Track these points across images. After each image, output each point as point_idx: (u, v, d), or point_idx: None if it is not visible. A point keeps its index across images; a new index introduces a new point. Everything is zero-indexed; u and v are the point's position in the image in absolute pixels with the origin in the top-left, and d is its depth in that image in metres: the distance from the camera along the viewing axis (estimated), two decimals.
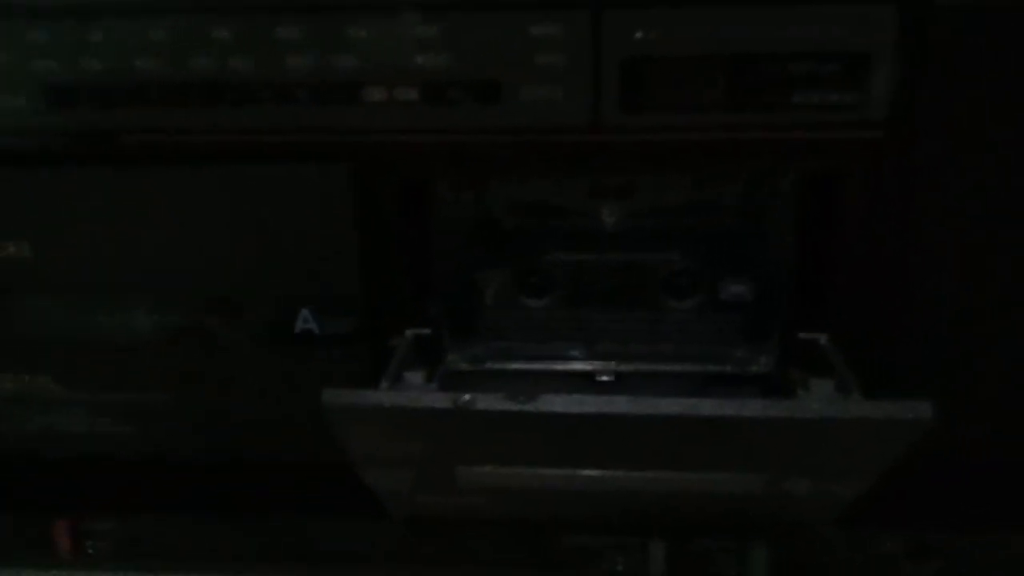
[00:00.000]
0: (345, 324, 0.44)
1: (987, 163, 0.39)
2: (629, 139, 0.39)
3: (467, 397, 0.34)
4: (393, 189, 0.43)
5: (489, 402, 0.34)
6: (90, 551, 0.54)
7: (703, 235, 0.48)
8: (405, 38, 0.38)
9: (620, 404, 0.34)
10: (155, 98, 0.40)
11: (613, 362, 0.49)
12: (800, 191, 0.44)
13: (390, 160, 0.41)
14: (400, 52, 0.39)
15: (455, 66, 0.39)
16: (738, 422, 0.34)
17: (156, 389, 0.47)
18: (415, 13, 0.38)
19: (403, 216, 0.44)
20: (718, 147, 0.39)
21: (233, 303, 0.45)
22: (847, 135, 0.38)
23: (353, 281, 0.43)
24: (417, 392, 0.37)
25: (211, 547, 0.53)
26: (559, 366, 0.50)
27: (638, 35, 0.38)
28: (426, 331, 0.45)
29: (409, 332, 0.44)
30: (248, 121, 0.40)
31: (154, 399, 0.47)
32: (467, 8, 0.38)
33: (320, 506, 0.51)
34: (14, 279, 0.45)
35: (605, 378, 0.49)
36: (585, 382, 0.50)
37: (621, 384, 0.49)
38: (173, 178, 0.42)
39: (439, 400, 0.34)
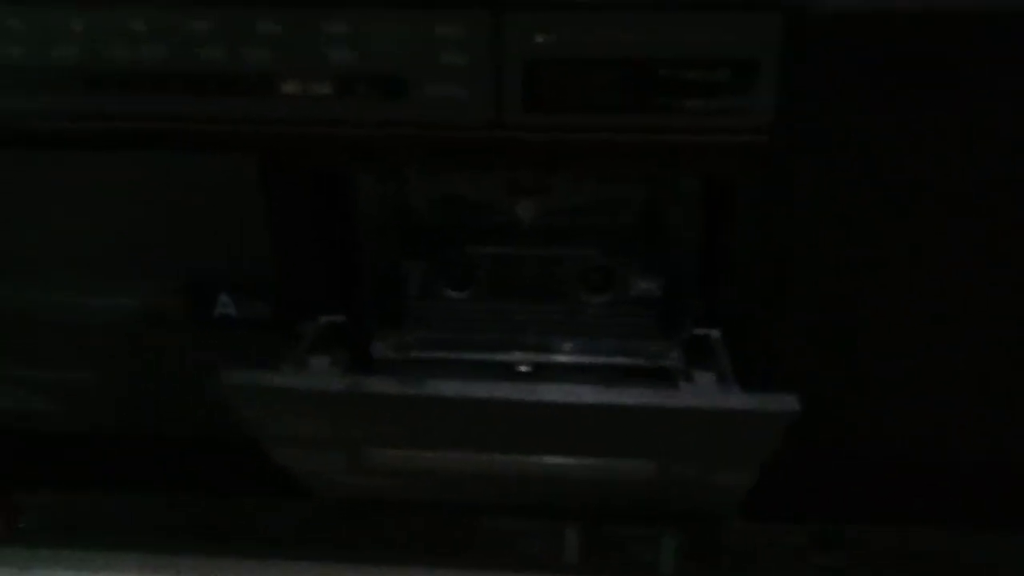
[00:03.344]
0: (261, 309, 0.46)
1: (863, 166, 0.40)
2: (529, 137, 0.41)
3: (357, 379, 0.35)
4: (311, 180, 0.44)
5: (379, 385, 0.35)
6: (22, 526, 0.55)
7: (615, 232, 0.49)
8: (316, 34, 0.40)
9: (504, 390, 0.36)
10: (71, 85, 0.41)
11: (532, 353, 0.51)
12: (702, 192, 0.46)
13: (301, 151, 0.42)
14: (312, 47, 0.40)
15: (364, 62, 0.40)
16: (618, 409, 0.36)
17: (84, 368, 0.48)
18: (325, 9, 0.39)
19: (324, 207, 0.45)
20: (612, 148, 0.41)
21: (156, 286, 0.46)
22: (733, 139, 0.40)
23: (267, 268, 0.44)
24: (310, 375, 0.38)
25: (139, 523, 0.55)
26: (481, 356, 0.51)
27: (538, 39, 0.39)
28: (340, 318, 0.46)
29: (322, 319, 0.45)
30: (162, 110, 0.41)
31: (81, 377, 0.49)
32: (375, 5, 0.39)
33: (244, 484, 0.52)
34: None
35: (524, 368, 0.51)
36: (505, 372, 0.51)
37: (539, 375, 0.51)
38: (93, 163, 0.43)
39: (331, 382, 0.35)
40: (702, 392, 0.37)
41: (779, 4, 0.38)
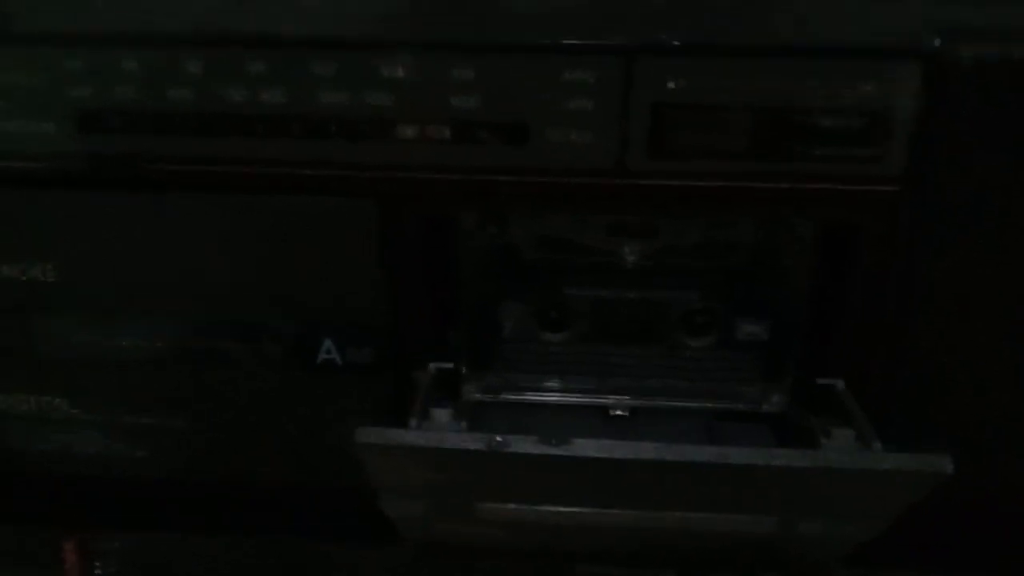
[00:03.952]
0: (367, 355, 0.45)
1: (997, 217, 0.40)
2: (653, 183, 0.40)
3: (500, 439, 0.34)
4: (418, 222, 0.43)
5: (522, 445, 0.34)
6: (98, 571, 0.54)
7: (721, 275, 0.48)
8: (439, 78, 0.39)
9: (652, 450, 0.35)
10: (185, 127, 0.40)
11: (627, 397, 0.50)
12: (818, 236, 0.45)
13: (418, 196, 0.41)
14: (433, 92, 0.39)
15: (486, 107, 0.39)
16: (765, 471, 0.35)
17: (173, 413, 0.47)
18: (451, 54, 0.39)
19: (427, 249, 0.44)
20: (739, 194, 0.40)
21: (256, 330, 0.45)
22: (864, 188, 0.39)
23: (376, 313, 0.44)
24: (448, 431, 0.37)
25: (220, 569, 0.53)
26: (573, 399, 0.50)
27: (669, 84, 0.38)
28: (448, 365, 0.45)
29: (432, 366, 0.44)
30: (278, 153, 0.40)
31: (171, 423, 0.48)
32: (503, 51, 0.39)
33: (330, 530, 0.51)
34: (37, 300, 0.45)
35: (619, 412, 0.50)
36: (599, 416, 0.50)
37: (634, 419, 0.50)
38: (199, 205, 0.43)
39: (473, 441, 0.34)
40: (850, 451, 0.36)
41: (918, 52, 0.37)
